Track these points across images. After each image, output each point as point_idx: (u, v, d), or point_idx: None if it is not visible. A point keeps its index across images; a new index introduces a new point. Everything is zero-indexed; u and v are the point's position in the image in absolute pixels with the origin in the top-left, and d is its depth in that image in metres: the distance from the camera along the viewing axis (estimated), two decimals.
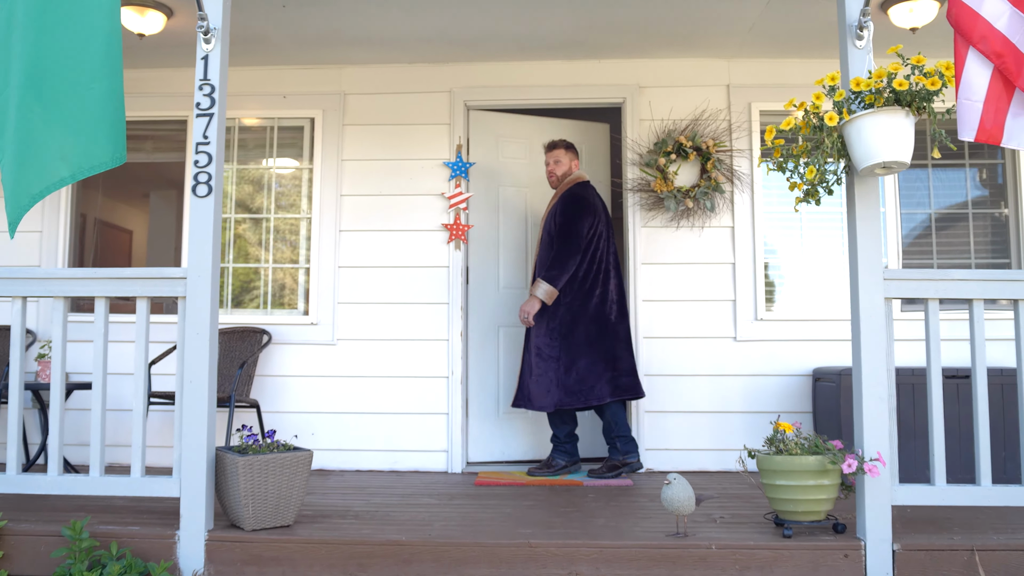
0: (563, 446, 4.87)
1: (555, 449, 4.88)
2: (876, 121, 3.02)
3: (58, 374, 3.40)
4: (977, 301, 3.31)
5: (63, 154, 3.09)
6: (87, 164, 3.09)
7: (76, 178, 3.12)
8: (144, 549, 3.25)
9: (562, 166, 4.88)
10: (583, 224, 4.69)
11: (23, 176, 3.09)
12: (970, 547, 3.15)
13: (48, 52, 3.09)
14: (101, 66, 3.09)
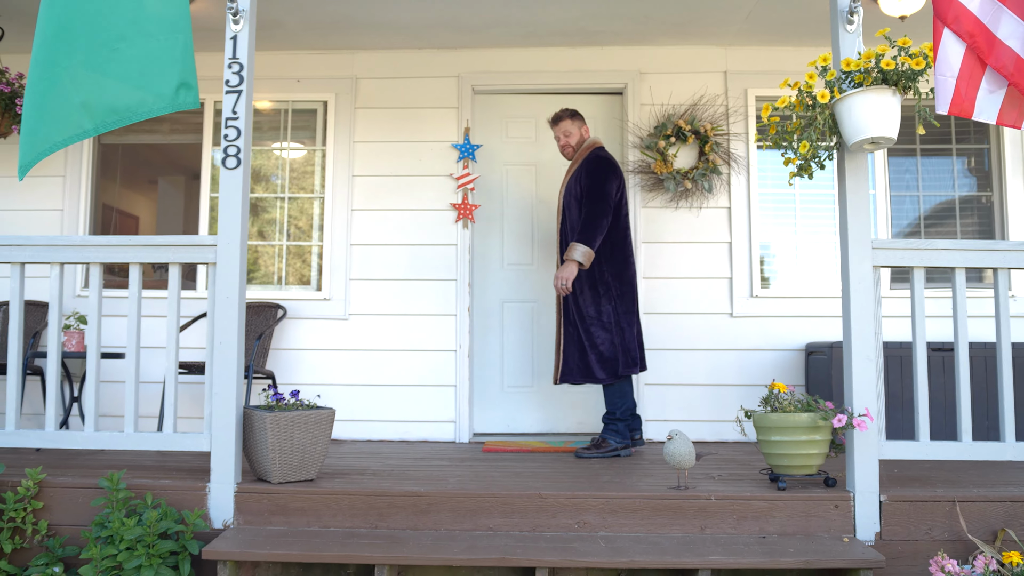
0: (617, 424, 4.62)
1: (608, 428, 4.62)
2: (865, 99, 3.23)
3: (94, 335, 3.60)
4: (959, 269, 3.52)
5: (88, 106, 3.25)
6: (118, 116, 3.24)
7: (99, 131, 3.28)
8: (176, 500, 3.45)
9: (574, 136, 4.77)
10: (611, 185, 4.58)
11: (43, 124, 3.26)
12: (951, 498, 3.38)
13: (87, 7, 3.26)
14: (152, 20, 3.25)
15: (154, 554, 3.15)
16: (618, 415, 4.61)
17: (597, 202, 4.56)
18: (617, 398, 4.62)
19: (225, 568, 3.13)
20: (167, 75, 3.23)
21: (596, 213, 4.55)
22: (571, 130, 4.77)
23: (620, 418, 4.62)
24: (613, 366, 4.56)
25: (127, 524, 3.17)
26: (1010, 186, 5.48)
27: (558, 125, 4.81)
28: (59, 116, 3.26)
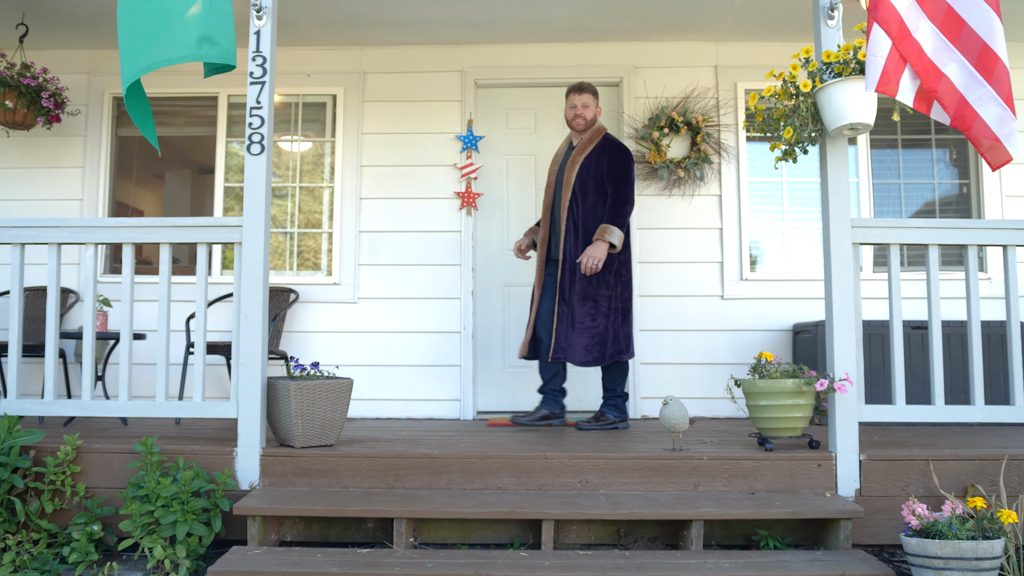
0: (617, 400, 4.83)
1: (609, 403, 4.83)
2: (844, 88, 3.50)
3: (127, 309, 3.85)
4: (932, 246, 3.79)
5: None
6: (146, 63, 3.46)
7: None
8: (206, 464, 3.70)
9: (590, 111, 4.79)
10: (633, 173, 4.73)
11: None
12: (926, 457, 3.65)
13: None
14: None
15: (188, 510, 3.39)
16: (619, 391, 4.84)
17: (628, 187, 4.67)
18: (620, 376, 4.82)
19: (255, 523, 3.39)
20: (189, 27, 3.46)
21: (628, 198, 4.66)
22: (590, 104, 4.80)
23: (620, 394, 4.84)
24: (629, 345, 4.76)
25: (163, 483, 3.42)
26: (986, 176, 5.76)
27: (581, 95, 4.80)
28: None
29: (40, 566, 3.38)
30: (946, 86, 3.22)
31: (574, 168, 4.75)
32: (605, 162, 4.69)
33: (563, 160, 4.85)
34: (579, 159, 4.75)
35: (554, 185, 4.85)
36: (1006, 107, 3.20)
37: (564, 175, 4.77)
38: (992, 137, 3.21)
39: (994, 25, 3.22)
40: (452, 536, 3.54)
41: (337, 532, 3.59)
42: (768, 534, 3.47)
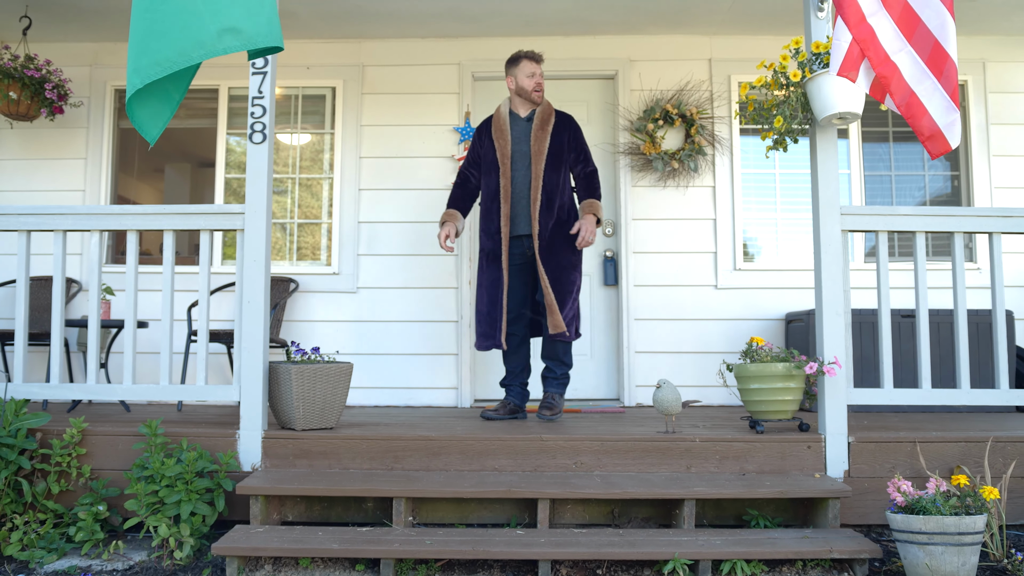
0: (567, 372, 4.68)
1: (561, 383, 4.65)
2: (832, 78, 3.57)
3: (131, 295, 3.93)
4: (920, 233, 3.88)
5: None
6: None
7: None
8: (209, 446, 3.78)
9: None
10: None
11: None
12: (913, 440, 3.74)
13: None
14: None
15: (192, 490, 3.47)
16: (570, 363, 4.67)
17: (592, 160, 4.68)
18: (570, 353, 4.66)
19: (257, 502, 3.47)
20: (205, 19, 3.35)
21: (596, 171, 4.67)
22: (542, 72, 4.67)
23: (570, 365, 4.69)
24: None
25: (167, 464, 3.49)
26: (976, 168, 5.85)
27: (540, 64, 4.65)
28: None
29: (47, 545, 3.46)
30: (895, 75, 3.33)
31: (544, 142, 4.53)
32: (568, 136, 4.59)
33: (522, 133, 4.58)
34: (546, 132, 4.55)
35: (511, 159, 4.55)
36: (950, 100, 3.32)
37: (532, 149, 4.51)
38: (934, 127, 3.33)
39: (947, 25, 3.34)
40: (450, 516, 3.62)
41: (338, 512, 3.67)
42: (759, 513, 3.56)
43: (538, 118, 4.60)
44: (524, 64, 4.59)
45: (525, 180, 4.54)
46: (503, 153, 4.57)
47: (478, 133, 4.70)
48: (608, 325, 5.86)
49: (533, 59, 4.60)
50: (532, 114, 4.62)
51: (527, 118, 4.62)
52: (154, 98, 3.39)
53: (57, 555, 3.42)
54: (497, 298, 4.52)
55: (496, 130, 4.63)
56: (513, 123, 4.63)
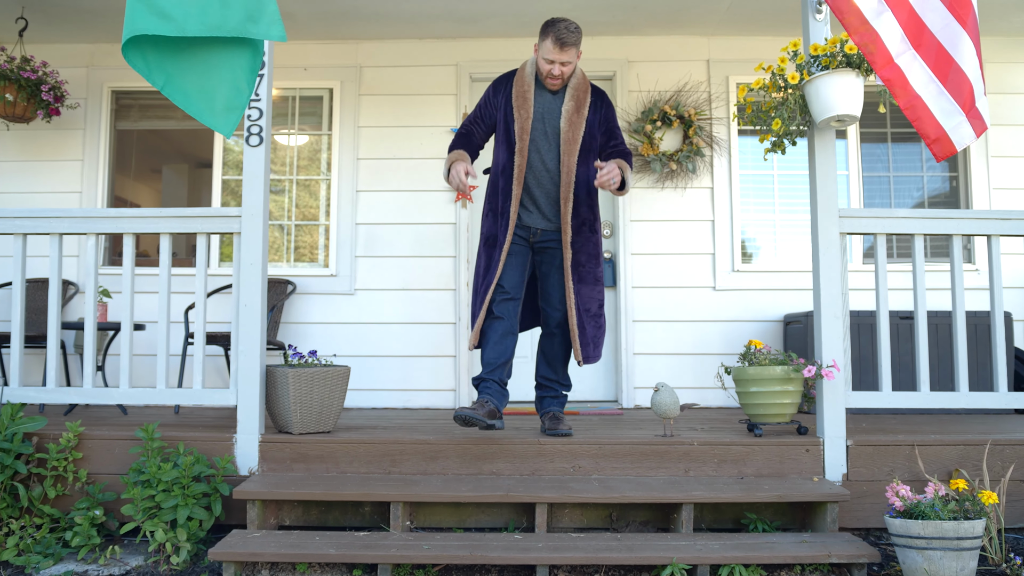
0: (567, 399, 4.26)
1: (563, 403, 4.18)
2: (831, 80, 3.57)
3: (127, 296, 3.91)
4: (918, 236, 3.87)
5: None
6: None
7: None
8: (206, 450, 3.77)
9: (571, 67, 3.87)
10: None
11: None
12: (911, 443, 3.73)
13: None
14: None
15: (188, 495, 3.46)
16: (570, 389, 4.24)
17: (625, 142, 4.12)
18: (568, 374, 4.24)
19: (254, 507, 3.45)
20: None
21: (630, 151, 4.11)
22: (573, 60, 3.84)
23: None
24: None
25: (164, 468, 3.48)
26: (974, 169, 5.84)
27: (564, 51, 3.77)
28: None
29: (43, 550, 3.44)
30: (900, 78, 3.33)
31: (579, 128, 3.90)
32: (604, 115, 4.01)
33: (548, 109, 3.93)
34: (582, 116, 3.91)
35: (531, 136, 3.91)
36: (955, 104, 3.32)
37: (564, 135, 3.88)
38: (940, 131, 3.33)
39: (951, 27, 3.34)
40: (448, 520, 3.61)
41: (335, 516, 3.66)
42: (757, 517, 3.55)
43: (572, 96, 3.92)
44: (546, 44, 3.78)
45: (547, 169, 3.93)
46: (522, 127, 3.88)
47: (493, 88, 4.02)
48: (606, 327, 5.84)
49: (558, 41, 3.74)
50: (563, 89, 3.94)
51: (556, 92, 3.95)
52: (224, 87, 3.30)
53: (53, 560, 3.41)
54: (489, 280, 3.94)
55: (517, 95, 3.92)
56: (539, 93, 3.94)
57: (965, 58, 3.34)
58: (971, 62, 3.36)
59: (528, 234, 3.99)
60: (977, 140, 5.27)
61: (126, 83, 6.01)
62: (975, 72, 3.37)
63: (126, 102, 6.11)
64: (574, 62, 3.83)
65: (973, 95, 3.35)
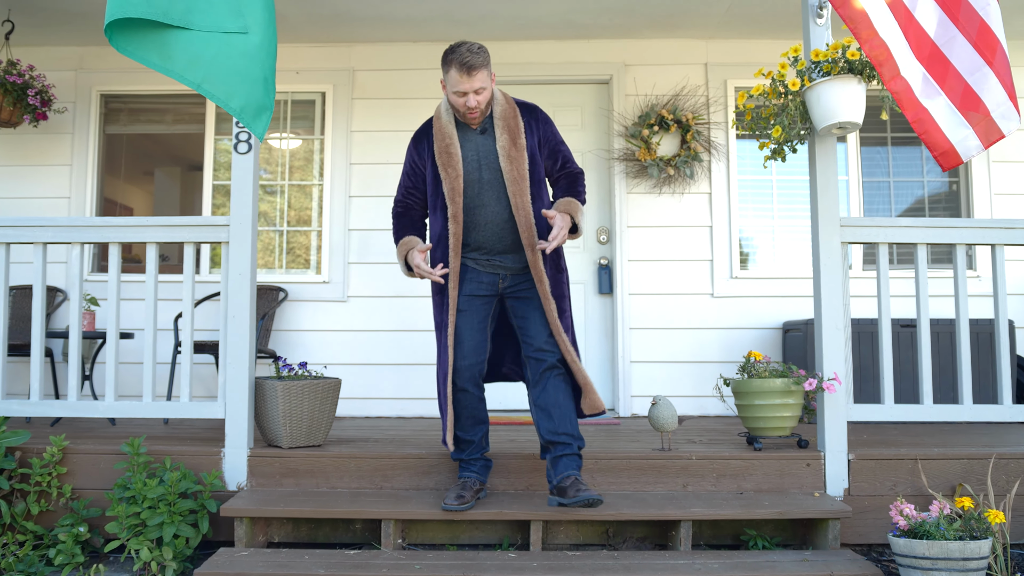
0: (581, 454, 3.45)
1: (579, 461, 3.38)
2: (832, 87, 3.49)
3: (113, 308, 3.83)
4: (921, 245, 3.79)
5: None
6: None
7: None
8: (193, 464, 3.69)
9: (487, 92, 3.28)
10: None
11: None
12: (914, 456, 3.66)
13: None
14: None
15: (175, 512, 3.38)
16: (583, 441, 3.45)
17: (572, 155, 3.59)
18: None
19: (242, 524, 3.37)
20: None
21: (581, 169, 3.58)
22: (486, 84, 3.26)
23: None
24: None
25: (149, 485, 3.40)
26: (975, 174, 5.76)
27: (473, 76, 3.19)
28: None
29: (26, 568, 3.36)
30: (907, 91, 3.26)
31: (520, 160, 3.34)
32: (542, 135, 3.45)
33: (478, 152, 3.36)
34: (519, 145, 3.35)
35: (478, 179, 3.35)
36: (961, 116, 3.26)
37: (508, 175, 3.32)
38: (947, 143, 3.27)
39: (956, 40, 3.29)
40: (441, 537, 3.53)
41: (325, 533, 3.58)
42: (757, 534, 3.47)
43: (504, 128, 3.36)
44: (451, 74, 3.22)
45: (501, 219, 3.37)
46: (452, 187, 3.34)
47: (414, 145, 3.49)
48: (603, 334, 5.76)
49: (463, 67, 3.17)
50: (489, 123, 3.39)
51: (482, 130, 3.39)
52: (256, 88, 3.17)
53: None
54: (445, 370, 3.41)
55: (440, 149, 3.36)
56: (464, 137, 3.39)
57: (973, 69, 3.28)
58: (970, 65, 3.29)
59: (491, 288, 3.45)
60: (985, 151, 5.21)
61: (115, 87, 5.92)
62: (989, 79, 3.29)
63: (115, 106, 6.02)
64: (488, 87, 3.26)
65: (979, 104, 3.28)
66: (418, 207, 3.55)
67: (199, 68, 3.07)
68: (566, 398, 3.39)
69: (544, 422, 3.36)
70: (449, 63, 3.21)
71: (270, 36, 3.19)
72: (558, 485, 3.25)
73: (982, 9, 3.30)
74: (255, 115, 3.15)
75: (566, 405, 3.38)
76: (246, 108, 3.12)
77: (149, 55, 3.07)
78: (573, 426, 3.35)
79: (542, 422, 3.36)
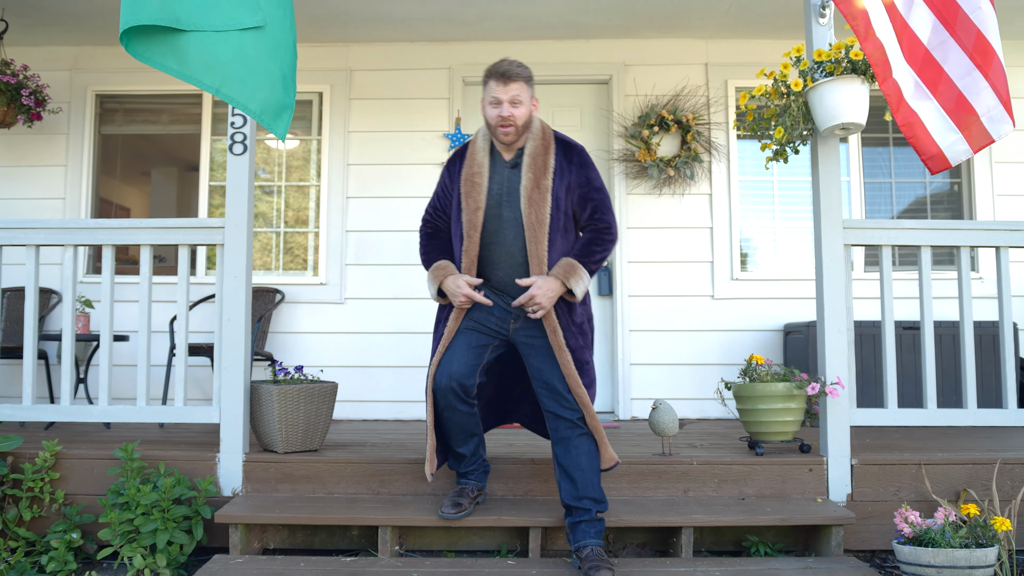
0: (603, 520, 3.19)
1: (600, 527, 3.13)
2: (835, 87, 3.45)
3: (107, 314, 3.78)
4: (924, 248, 3.75)
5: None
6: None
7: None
8: (188, 470, 3.64)
9: (524, 108, 3.17)
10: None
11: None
12: (918, 462, 3.61)
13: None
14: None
15: (169, 518, 3.33)
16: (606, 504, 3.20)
17: (610, 208, 3.26)
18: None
19: (237, 531, 3.32)
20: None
21: (612, 224, 3.24)
22: (524, 97, 3.16)
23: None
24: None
25: (143, 491, 3.35)
26: (977, 175, 5.72)
27: (509, 84, 3.13)
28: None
29: (18, 575, 3.31)
30: (897, 94, 3.23)
31: (542, 204, 3.13)
32: (574, 180, 3.22)
33: (505, 186, 3.20)
34: (543, 187, 3.14)
35: (499, 215, 3.18)
36: (950, 120, 3.24)
37: (528, 216, 3.12)
38: (935, 148, 3.24)
39: (948, 44, 3.26)
40: (439, 543, 3.48)
41: (322, 539, 3.53)
42: (759, 540, 3.43)
43: (531, 165, 3.17)
44: (490, 84, 3.17)
45: (515, 262, 3.18)
46: (470, 221, 3.18)
47: (448, 169, 3.36)
48: (602, 337, 5.71)
49: (502, 76, 3.14)
50: (520, 157, 3.21)
51: (512, 163, 3.22)
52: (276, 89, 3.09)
53: None
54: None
55: (467, 177, 3.22)
56: (495, 169, 3.24)
57: (964, 74, 3.24)
58: (968, 77, 3.25)
59: (501, 324, 3.25)
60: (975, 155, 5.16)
61: (111, 87, 5.87)
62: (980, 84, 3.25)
63: (111, 106, 5.96)
64: (526, 102, 3.15)
65: (970, 108, 3.24)
66: (446, 229, 3.37)
67: (216, 72, 3.00)
68: (589, 459, 3.15)
69: (566, 485, 3.14)
70: (488, 75, 3.17)
71: (288, 29, 3.14)
72: (576, 552, 3.06)
73: (976, 16, 3.27)
74: (275, 115, 3.09)
75: (589, 467, 3.14)
76: (265, 110, 3.07)
77: (166, 60, 3.00)
78: (596, 489, 3.14)
79: (564, 484, 3.15)
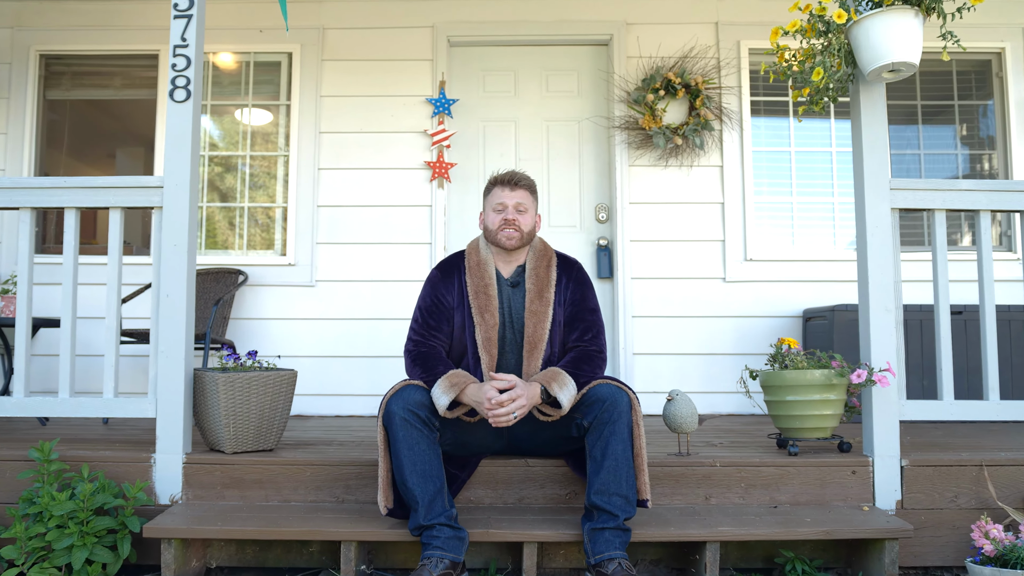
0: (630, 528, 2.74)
1: (624, 535, 2.66)
2: (885, 20, 2.92)
3: (24, 290, 3.20)
4: (984, 213, 3.22)
5: None
6: None
7: None
8: (118, 473, 3.08)
9: (529, 216, 3.03)
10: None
11: None
12: (979, 462, 3.08)
13: None
14: None
15: (88, 532, 2.77)
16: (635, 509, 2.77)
17: (603, 333, 3.05)
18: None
19: (170, 547, 2.76)
20: None
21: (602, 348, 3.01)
22: (528, 206, 3.04)
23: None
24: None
25: (57, 499, 2.79)
26: (1015, 147, 5.18)
27: (515, 190, 3.02)
28: None
29: None
30: None
31: (543, 319, 2.97)
32: (569, 297, 3.04)
33: (516, 307, 3.01)
34: (545, 299, 2.99)
35: (501, 337, 2.99)
36: None
37: (530, 335, 2.95)
38: None
39: None
40: (413, 559, 2.93)
41: (276, 555, 2.97)
42: (795, 556, 2.88)
43: (533, 278, 3.03)
44: (494, 191, 3.06)
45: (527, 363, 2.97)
46: (487, 337, 2.95)
47: (444, 286, 3.04)
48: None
49: (508, 182, 3.04)
50: (521, 276, 3.06)
51: (512, 282, 3.05)
52: None
53: None
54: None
55: (477, 289, 3.00)
56: (509, 281, 3.06)
57: None
58: None
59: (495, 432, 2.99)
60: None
61: (57, 46, 5.28)
62: None
63: (57, 68, 5.37)
64: (531, 212, 3.02)
65: None
66: (445, 348, 3.00)
67: None
68: (624, 448, 2.69)
69: (592, 480, 2.68)
70: (493, 182, 3.08)
71: None
72: (596, 567, 2.56)
73: None
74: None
75: (624, 457, 2.68)
76: None
77: None
78: (627, 486, 2.66)
79: (591, 479, 2.69)
